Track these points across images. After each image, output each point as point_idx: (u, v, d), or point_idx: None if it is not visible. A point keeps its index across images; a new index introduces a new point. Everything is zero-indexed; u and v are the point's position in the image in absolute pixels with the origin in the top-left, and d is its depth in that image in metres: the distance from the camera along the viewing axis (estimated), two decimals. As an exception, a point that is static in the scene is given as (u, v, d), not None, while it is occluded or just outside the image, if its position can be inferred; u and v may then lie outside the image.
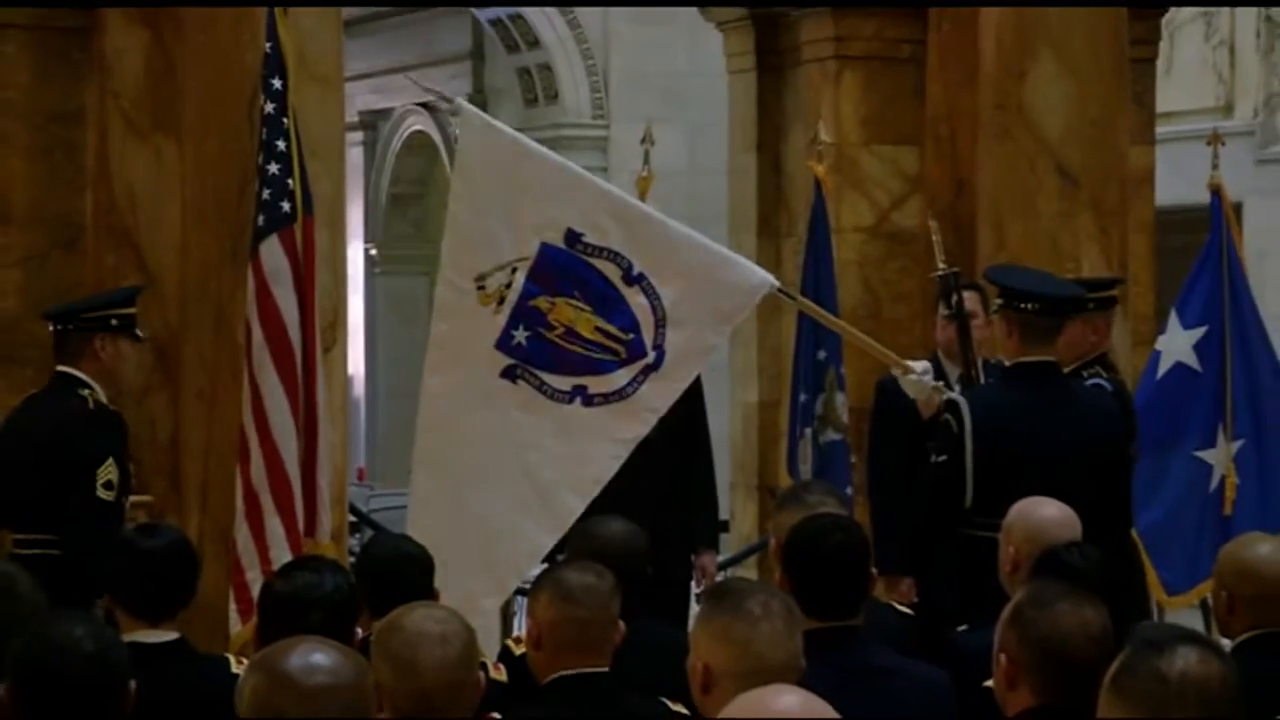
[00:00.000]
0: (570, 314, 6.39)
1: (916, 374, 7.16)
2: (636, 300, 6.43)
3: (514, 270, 6.38)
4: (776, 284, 6.79)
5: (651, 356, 6.42)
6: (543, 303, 6.38)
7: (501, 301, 6.39)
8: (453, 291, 6.44)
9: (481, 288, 6.39)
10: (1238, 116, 14.69)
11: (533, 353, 6.39)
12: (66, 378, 7.00)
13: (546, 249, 6.39)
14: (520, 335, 6.38)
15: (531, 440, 6.41)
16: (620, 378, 6.42)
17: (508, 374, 6.40)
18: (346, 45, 8.80)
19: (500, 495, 6.23)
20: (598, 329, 6.40)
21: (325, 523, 7.19)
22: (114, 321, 7.04)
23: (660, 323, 6.42)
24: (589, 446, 6.41)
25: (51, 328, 7.09)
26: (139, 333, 7.14)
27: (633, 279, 6.42)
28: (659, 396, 6.47)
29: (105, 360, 7.01)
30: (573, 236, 6.40)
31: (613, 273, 6.42)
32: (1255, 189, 14.22)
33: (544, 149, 6.71)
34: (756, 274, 6.68)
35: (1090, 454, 6.66)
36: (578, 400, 6.40)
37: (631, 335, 6.41)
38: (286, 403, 7.02)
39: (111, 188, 8.01)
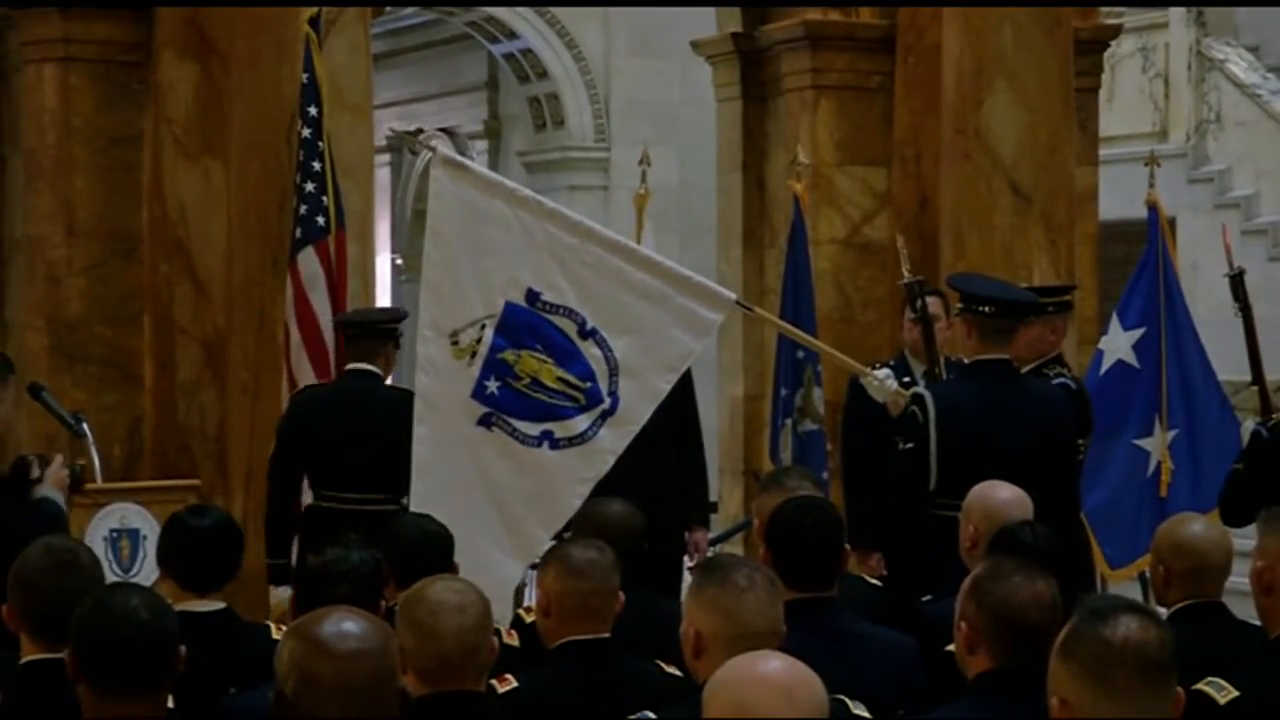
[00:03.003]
0: (534, 365, 6.36)
1: (879, 380, 7.14)
2: (591, 352, 6.41)
3: (483, 326, 6.35)
4: (733, 297, 6.76)
5: (608, 403, 6.41)
6: (509, 355, 6.35)
7: (474, 355, 6.36)
8: (430, 347, 6.42)
9: (455, 342, 6.37)
10: (1172, 141, 14.70)
11: (504, 401, 6.36)
12: (368, 372, 7.14)
13: (510, 307, 6.37)
14: (492, 385, 6.35)
15: (504, 481, 6.39)
16: (581, 423, 6.40)
17: (483, 421, 6.37)
18: (375, 77, 8.79)
19: (478, 530, 6.20)
20: (559, 378, 6.38)
21: (355, 503, 7.18)
22: (396, 332, 7.28)
23: (613, 372, 6.41)
24: (556, 485, 6.40)
25: (346, 332, 7.27)
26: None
27: (587, 333, 6.40)
28: (616, 438, 6.46)
29: (392, 361, 7.19)
30: (533, 295, 6.38)
31: (569, 328, 6.40)
32: (1188, 205, 14.23)
33: (515, 189, 6.62)
34: (714, 302, 6.62)
35: (1041, 441, 6.65)
36: (546, 444, 6.38)
37: (589, 384, 6.40)
38: (321, 396, 7.04)
39: (165, 204, 8.00)
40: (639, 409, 6.46)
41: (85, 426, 7.13)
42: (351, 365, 7.22)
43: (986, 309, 6.68)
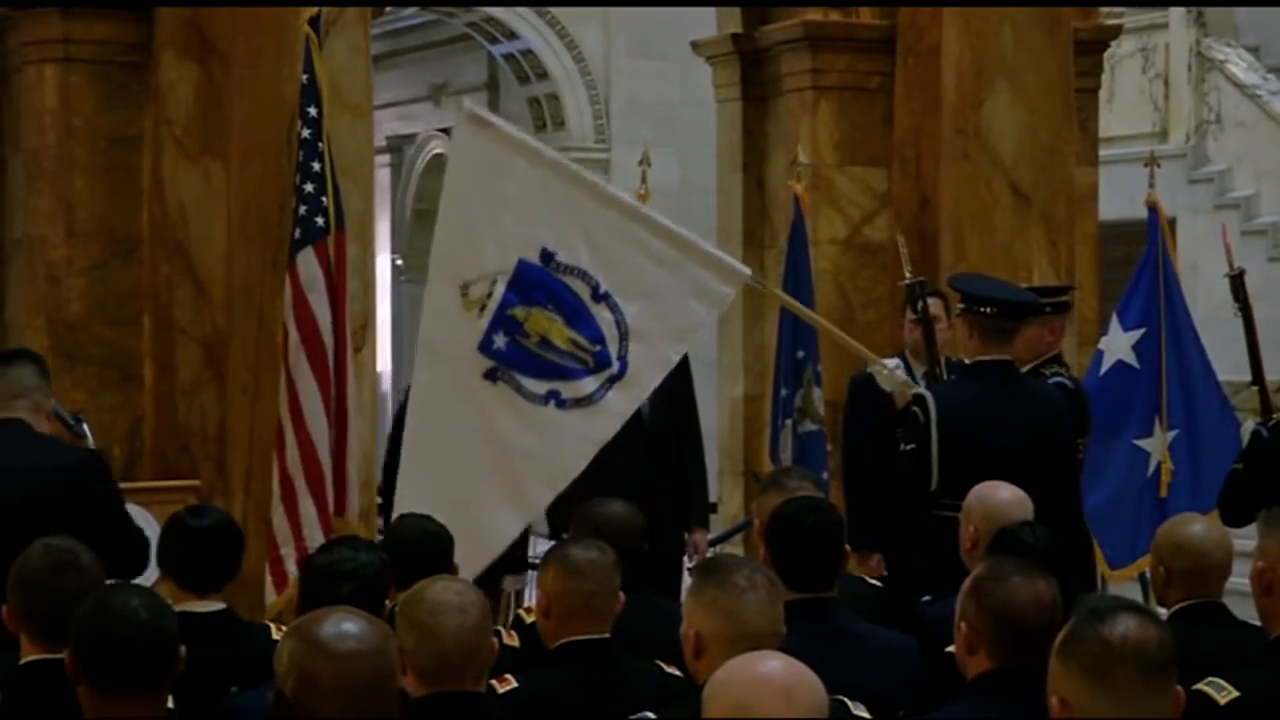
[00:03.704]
0: (544, 324, 6.33)
1: (888, 369, 7.15)
2: (603, 315, 6.37)
3: (495, 281, 6.32)
4: (747, 273, 6.75)
5: (616, 367, 6.37)
6: (520, 312, 6.31)
7: (483, 309, 6.32)
8: (439, 298, 6.38)
9: (465, 294, 6.33)
10: (1172, 141, 14.71)
11: (511, 357, 6.32)
12: None
13: (524, 265, 6.33)
14: (500, 340, 6.32)
15: (508, 435, 6.35)
16: (588, 385, 6.36)
17: (489, 375, 6.33)
18: (375, 77, 8.79)
19: (476, 484, 6.16)
20: (569, 339, 6.34)
21: (354, 504, 7.18)
22: None
23: (624, 336, 6.37)
24: (560, 444, 6.36)
25: None
26: None
27: (599, 296, 6.37)
28: (623, 402, 6.42)
29: None
30: (547, 255, 6.35)
31: (582, 290, 6.37)
32: (1188, 206, 14.24)
33: (540, 150, 6.59)
34: (729, 275, 6.59)
35: (1042, 442, 6.65)
36: (552, 403, 6.35)
37: (598, 347, 6.36)
38: (319, 397, 7.01)
39: (165, 205, 7.99)
40: (647, 375, 6.43)
41: (85, 427, 7.13)
42: None
43: (987, 310, 6.68)
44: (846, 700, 4.16)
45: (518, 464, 6.33)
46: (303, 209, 7.13)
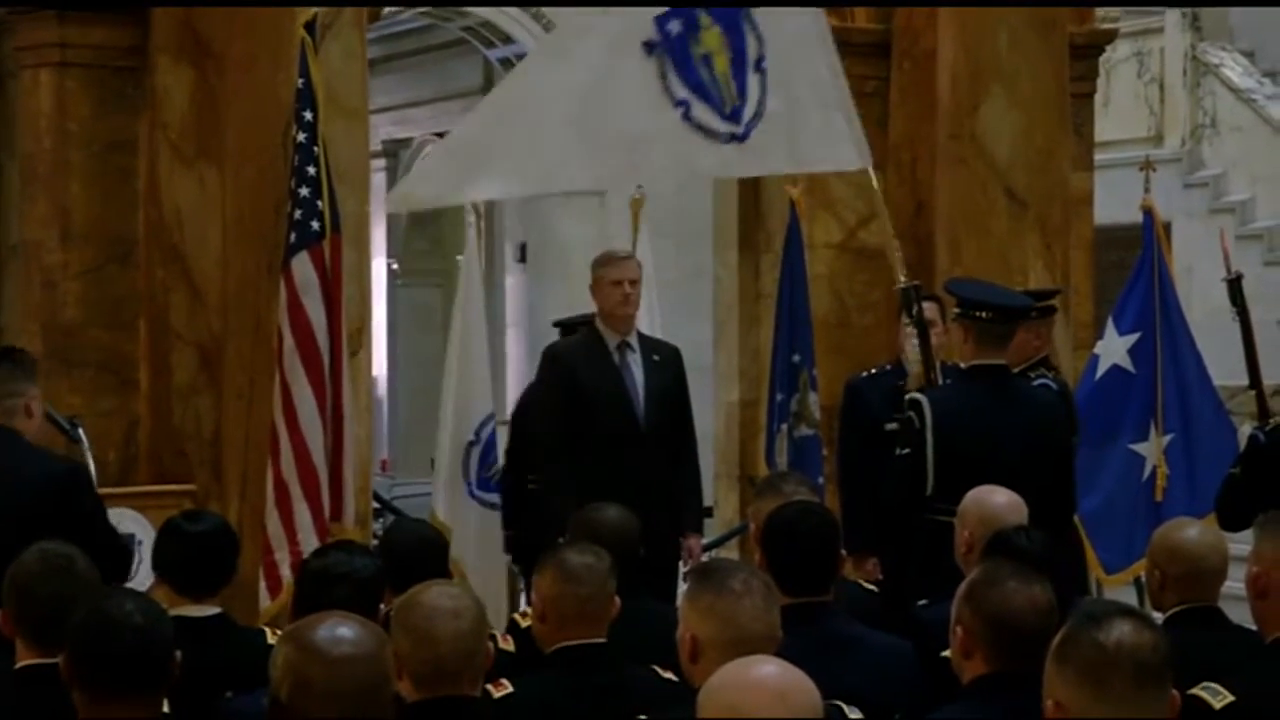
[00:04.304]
0: (715, 45, 6.28)
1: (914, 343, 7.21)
2: (753, 84, 6.33)
3: None
4: (870, 162, 6.75)
5: (741, 129, 6.33)
6: (705, 19, 6.26)
7: None
8: None
9: None
10: (1167, 146, 14.74)
11: (675, 47, 6.24)
12: None
13: None
14: (676, 27, 6.22)
15: (627, 103, 6.23)
16: (716, 121, 6.30)
17: (648, 45, 6.25)
18: (371, 82, 8.78)
19: (569, 122, 6.04)
20: (726, 75, 6.30)
21: (350, 508, 7.18)
22: None
23: (758, 114, 6.33)
24: (664, 143, 6.27)
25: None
26: None
27: (760, 69, 6.34)
28: (729, 161, 6.42)
29: None
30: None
31: (753, 50, 6.33)
32: (1183, 210, 14.25)
33: None
34: (859, 148, 6.56)
35: (1037, 447, 6.64)
36: (681, 109, 6.27)
37: (740, 101, 6.32)
38: (314, 401, 7.01)
39: (161, 209, 7.99)
40: (754, 159, 6.39)
41: (81, 431, 7.13)
42: None
43: (983, 314, 6.68)
44: (842, 704, 4.16)
45: (621, 129, 6.20)
46: (298, 213, 7.12)
